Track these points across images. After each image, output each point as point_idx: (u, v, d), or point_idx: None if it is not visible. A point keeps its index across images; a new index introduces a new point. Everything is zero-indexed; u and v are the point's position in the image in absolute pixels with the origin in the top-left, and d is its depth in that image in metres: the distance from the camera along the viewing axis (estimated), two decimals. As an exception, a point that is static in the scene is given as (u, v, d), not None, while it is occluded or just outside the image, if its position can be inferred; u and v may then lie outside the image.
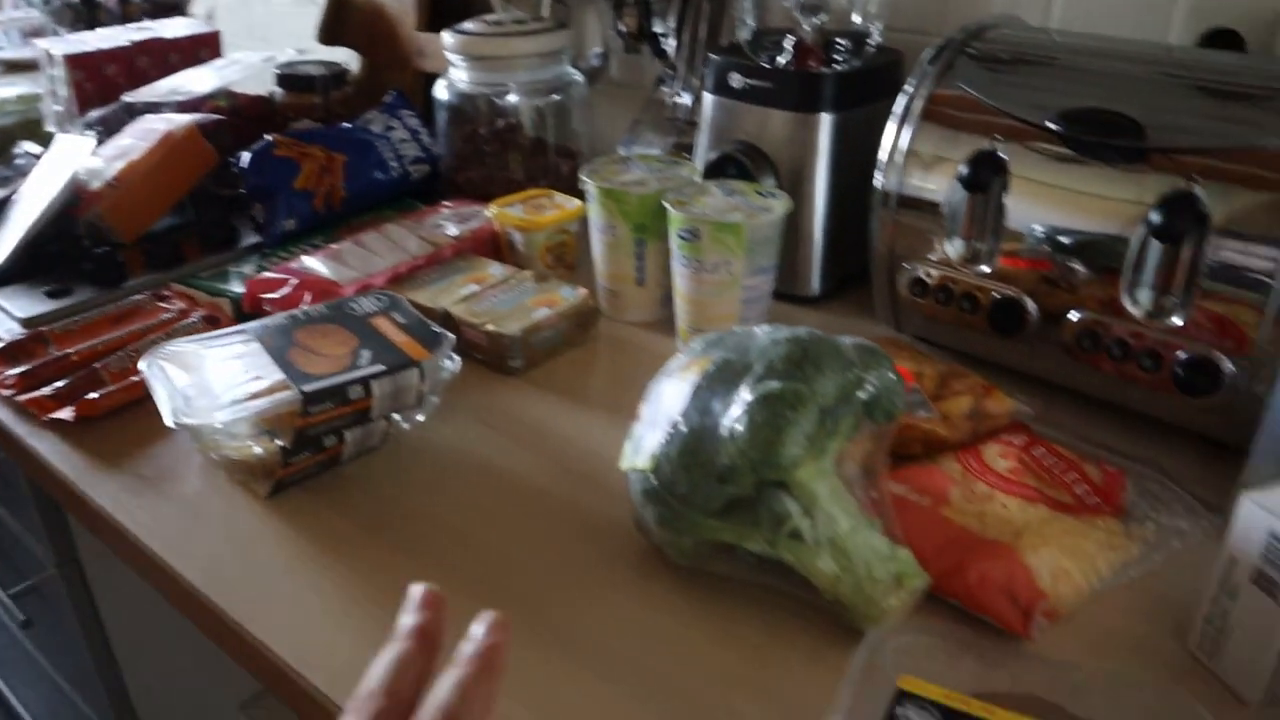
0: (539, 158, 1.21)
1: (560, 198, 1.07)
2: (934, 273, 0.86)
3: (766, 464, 0.56)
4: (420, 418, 0.81)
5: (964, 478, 0.71)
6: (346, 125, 1.24)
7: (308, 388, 0.71)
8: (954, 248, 0.84)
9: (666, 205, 0.88)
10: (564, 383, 0.90)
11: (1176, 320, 0.74)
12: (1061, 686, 0.52)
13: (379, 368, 0.74)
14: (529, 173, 1.20)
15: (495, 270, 0.99)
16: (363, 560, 0.69)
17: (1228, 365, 0.73)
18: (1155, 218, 0.73)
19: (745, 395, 0.58)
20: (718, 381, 0.60)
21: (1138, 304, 0.76)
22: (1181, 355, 0.75)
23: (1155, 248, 0.73)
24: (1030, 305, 0.81)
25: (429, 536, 0.71)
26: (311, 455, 0.74)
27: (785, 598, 0.64)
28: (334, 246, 1.03)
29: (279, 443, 0.72)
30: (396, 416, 0.79)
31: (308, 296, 0.93)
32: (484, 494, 0.75)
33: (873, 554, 0.59)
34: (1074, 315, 0.79)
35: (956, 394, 0.78)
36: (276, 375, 0.74)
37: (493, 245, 1.07)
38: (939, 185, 0.84)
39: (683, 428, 0.59)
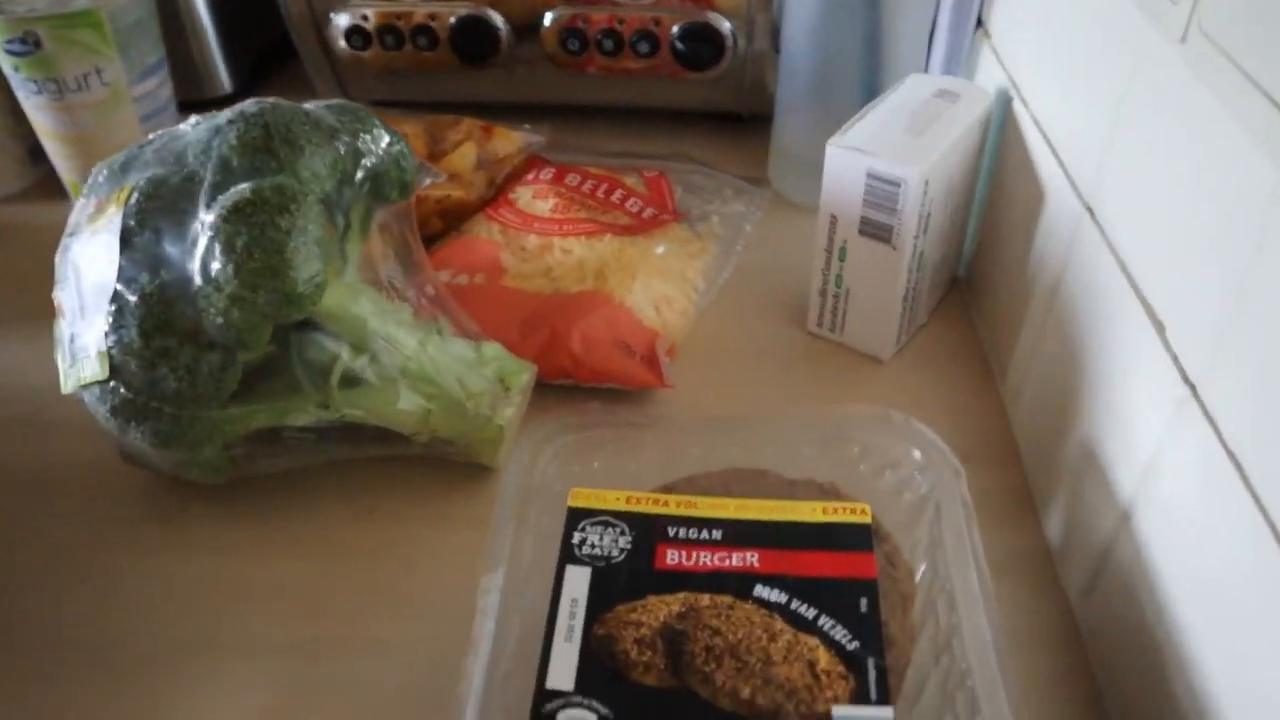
0: None
1: None
2: (370, 13, 0.68)
3: (281, 302, 0.37)
4: None
5: (507, 236, 0.57)
6: None
7: None
8: (385, -28, 0.66)
9: (-27, 17, 0.60)
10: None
11: (658, -14, 0.64)
12: (755, 442, 0.42)
13: None
14: None
15: None
16: None
17: (725, 25, 0.65)
18: None
19: (207, 217, 0.38)
20: (156, 214, 0.39)
21: (613, -20, 0.65)
22: (676, 29, 0.65)
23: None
24: (497, 19, 0.67)
25: None
26: None
27: (381, 462, 0.47)
28: None
29: None
30: None
31: None
32: None
33: (459, 364, 0.44)
34: (549, 17, 0.66)
35: (456, 145, 0.63)
36: None
37: None
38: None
39: (130, 297, 0.38)
